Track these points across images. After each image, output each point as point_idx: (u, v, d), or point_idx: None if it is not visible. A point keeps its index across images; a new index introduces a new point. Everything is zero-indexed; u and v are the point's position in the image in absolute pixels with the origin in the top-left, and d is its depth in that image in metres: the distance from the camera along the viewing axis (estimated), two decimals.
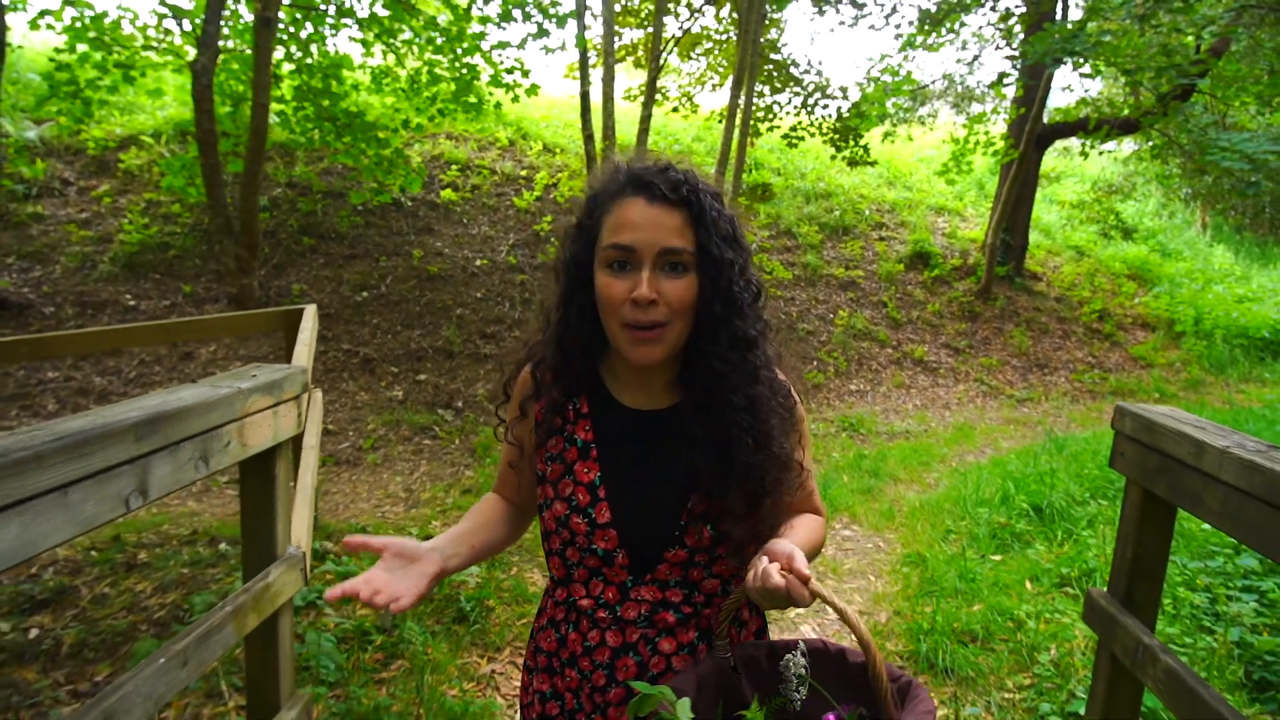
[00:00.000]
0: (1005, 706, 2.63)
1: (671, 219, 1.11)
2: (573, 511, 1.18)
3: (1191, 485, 1.78)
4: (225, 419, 1.83)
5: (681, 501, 1.16)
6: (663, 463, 1.18)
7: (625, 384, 1.23)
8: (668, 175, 1.14)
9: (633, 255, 1.10)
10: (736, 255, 1.15)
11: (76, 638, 3.11)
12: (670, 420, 1.20)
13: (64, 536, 1.36)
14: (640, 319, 1.10)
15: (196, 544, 3.93)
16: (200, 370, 6.88)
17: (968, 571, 3.60)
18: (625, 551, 1.16)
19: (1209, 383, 10.00)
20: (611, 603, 1.19)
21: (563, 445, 1.22)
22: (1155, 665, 1.86)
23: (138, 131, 9.21)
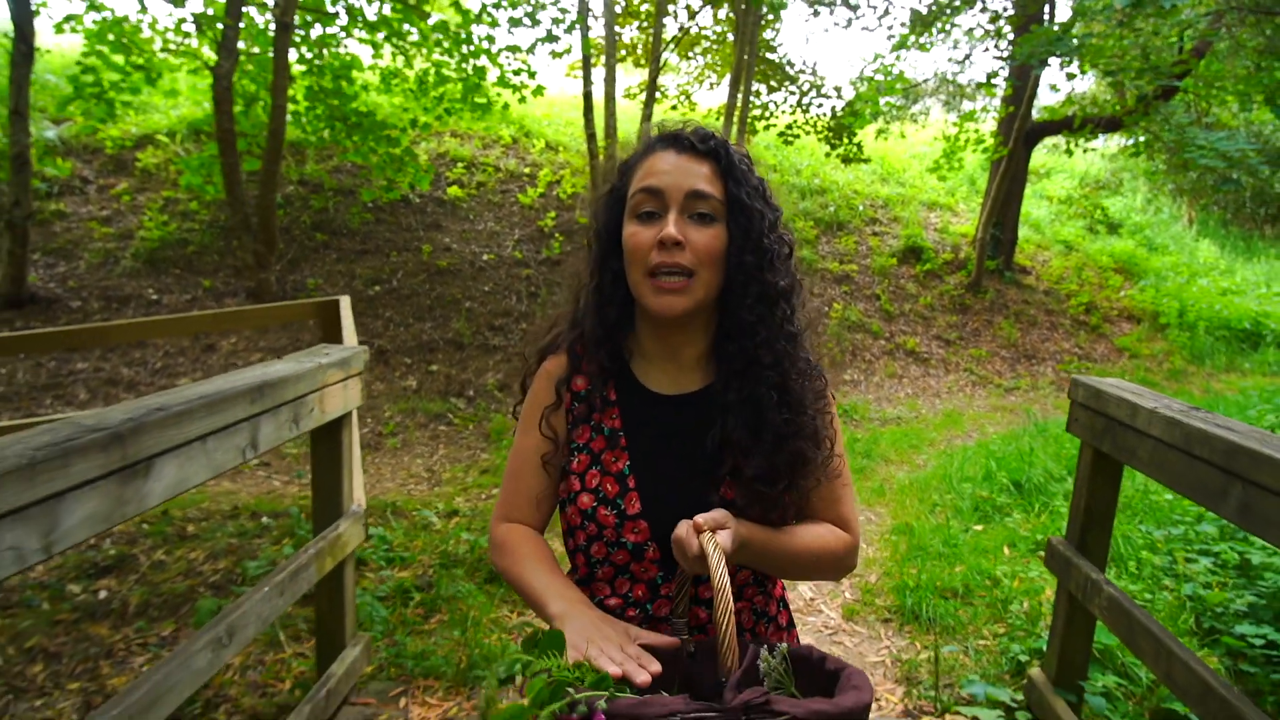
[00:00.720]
0: (980, 650, 2.96)
1: (700, 167, 1.10)
2: (600, 503, 1.13)
3: (1129, 441, 2.11)
4: (310, 388, 2.15)
5: (710, 487, 1.12)
6: (692, 449, 1.14)
7: (653, 366, 1.19)
8: (697, 130, 1.14)
9: (660, 199, 1.09)
10: (768, 210, 1.13)
11: (141, 598, 3.42)
12: (700, 403, 1.16)
13: (202, 478, 1.68)
14: (665, 261, 1.07)
15: (239, 518, 4.24)
16: (222, 362, 7.17)
17: (951, 539, 3.94)
18: (655, 545, 1.11)
19: (1191, 372, 10.36)
20: (642, 601, 1.13)
21: (589, 435, 1.17)
22: (1100, 595, 2.19)
23: (153, 131, 9.49)
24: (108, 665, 3.07)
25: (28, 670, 3.03)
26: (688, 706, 0.84)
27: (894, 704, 2.73)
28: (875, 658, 3.04)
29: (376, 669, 2.83)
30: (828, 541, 1.14)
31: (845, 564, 1.17)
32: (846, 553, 1.16)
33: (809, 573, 1.15)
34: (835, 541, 1.15)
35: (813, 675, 0.99)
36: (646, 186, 1.09)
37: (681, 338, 1.16)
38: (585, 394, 1.19)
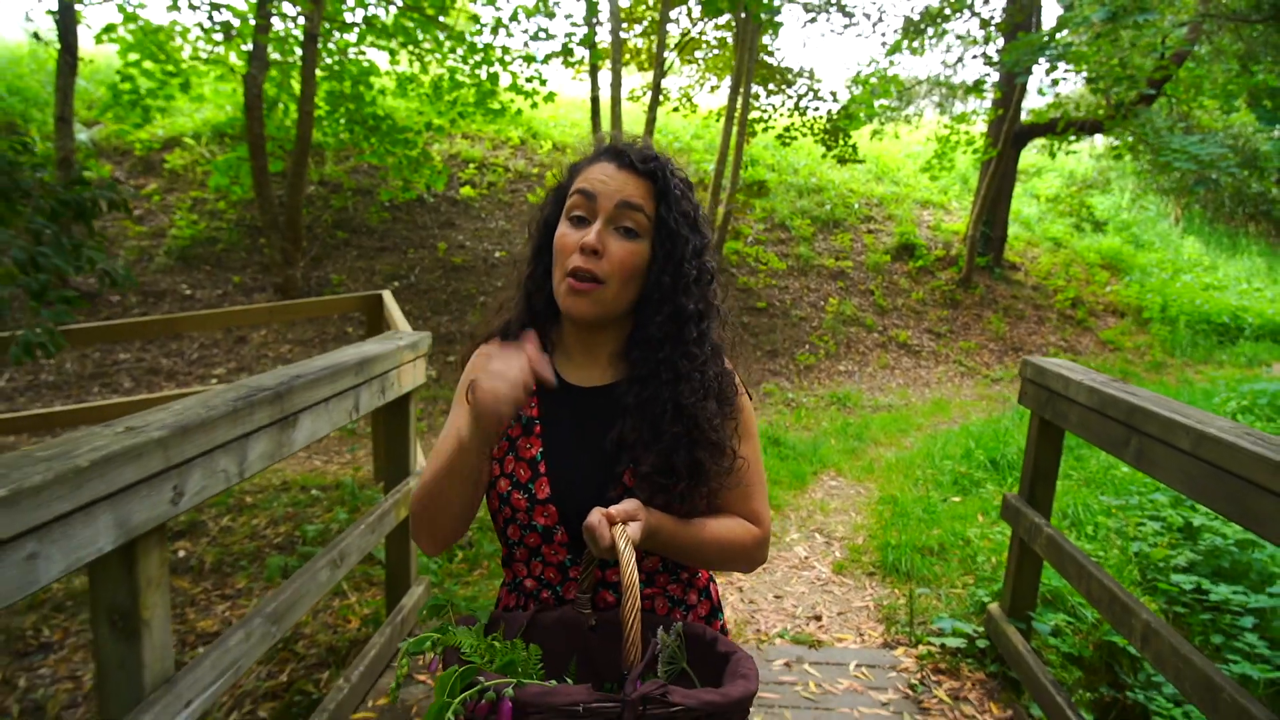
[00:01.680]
0: (951, 596, 3.44)
1: (636, 184, 1.15)
2: (514, 488, 1.17)
3: (1063, 408, 2.59)
4: (393, 365, 2.62)
5: (613, 477, 1.16)
6: (598, 438, 1.18)
7: (572, 360, 1.24)
8: (641, 150, 1.18)
9: (592, 204, 1.13)
10: (694, 236, 1.17)
11: (215, 557, 3.89)
12: (609, 396, 1.21)
13: (324, 432, 2.16)
14: (580, 266, 1.11)
15: (290, 491, 4.70)
16: (254, 353, 7.63)
17: (931, 507, 4.41)
18: (564, 529, 1.16)
19: (1170, 364, 10.84)
20: (553, 583, 1.19)
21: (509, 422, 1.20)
22: (1040, 535, 2.67)
23: (179, 134, 9.93)
24: (193, 612, 3.53)
25: None
26: (590, 696, 0.88)
27: (875, 639, 3.20)
28: (860, 603, 3.51)
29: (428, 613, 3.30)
30: (736, 534, 1.18)
31: (755, 556, 1.22)
32: (755, 545, 1.21)
33: (717, 563, 1.20)
34: (744, 534, 1.19)
35: (705, 654, 1.04)
36: (582, 189, 1.14)
37: (598, 335, 1.21)
38: None
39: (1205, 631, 3.33)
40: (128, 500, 1.39)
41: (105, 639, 1.50)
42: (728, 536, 1.17)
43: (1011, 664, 2.82)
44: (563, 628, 1.08)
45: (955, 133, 11.75)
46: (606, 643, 1.08)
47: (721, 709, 0.90)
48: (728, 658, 1.02)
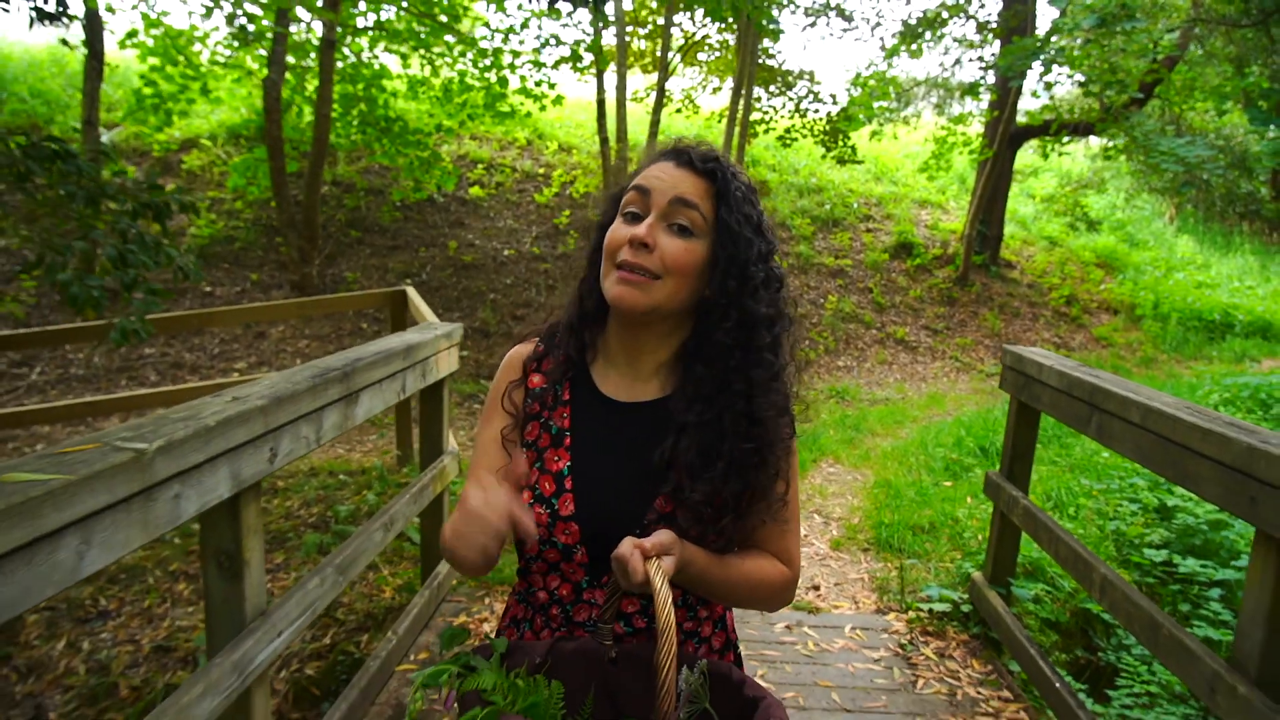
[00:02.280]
0: (939, 569, 3.71)
1: (693, 182, 1.10)
2: (536, 500, 1.12)
3: (1037, 391, 2.87)
4: (432, 352, 2.91)
5: (647, 501, 1.10)
6: (636, 457, 1.12)
7: (613, 370, 1.19)
8: (701, 150, 1.14)
9: (646, 200, 1.09)
10: (758, 240, 1.11)
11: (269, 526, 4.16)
12: (653, 414, 1.14)
13: (378, 409, 2.44)
14: (630, 260, 1.07)
15: (319, 476, 4.98)
16: (273, 347, 7.91)
17: (923, 490, 4.68)
18: (585, 549, 1.10)
19: (1161, 360, 11.11)
20: (565, 601, 1.14)
21: (538, 431, 1.17)
22: (1018, 507, 2.95)
23: (196, 135, 10.20)
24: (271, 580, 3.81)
25: (174, 588, 3.78)
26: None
27: (869, 606, 3.48)
28: (855, 575, 3.79)
29: (460, 581, 3.58)
30: (767, 574, 1.12)
31: (782, 597, 1.16)
32: (784, 586, 1.15)
33: (745, 602, 1.13)
34: (775, 574, 1.14)
35: (731, 696, 1.00)
36: (637, 185, 1.11)
37: (646, 341, 1.15)
38: (540, 391, 1.19)
39: (1174, 601, 3.61)
40: (238, 457, 1.67)
41: (213, 578, 1.78)
42: (758, 576, 1.11)
43: (992, 625, 3.10)
44: (582, 658, 1.03)
45: (952, 134, 12.02)
46: (627, 676, 1.03)
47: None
48: (756, 703, 0.98)
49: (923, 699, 2.74)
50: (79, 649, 3.42)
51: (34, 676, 3.32)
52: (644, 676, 1.01)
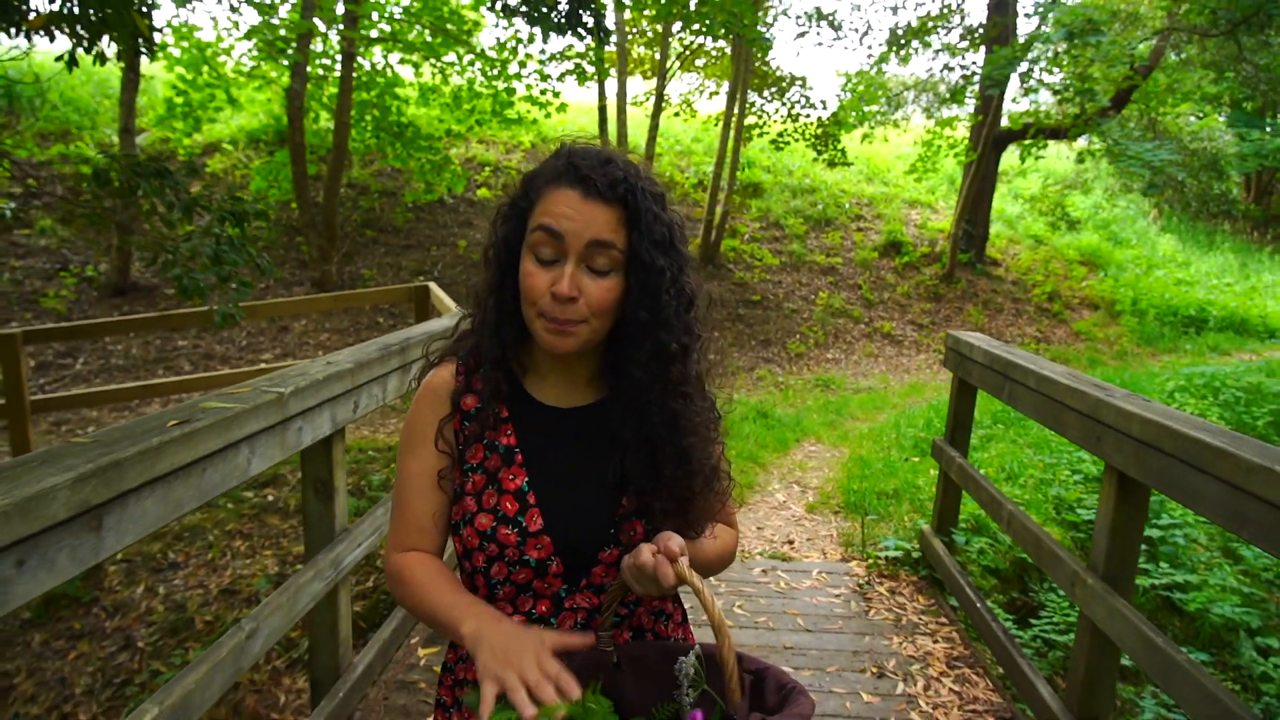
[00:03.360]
0: (899, 526, 4.27)
1: (605, 215, 1.06)
2: (500, 522, 1.10)
3: (970, 368, 3.43)
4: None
5: (614, 499, 1.13)
6: (591, 461, 1.14)
7: (546, 380, 1.18)
8: (607, 171, 1.08)
9: (558, 245, 1.06)
10: (669, 262, 1.10)
11: (295, 501, 4.71)
12: (595, 417, 1.17)
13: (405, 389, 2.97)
14: (558, 315, 1.06)
15: (350, 452, 5.53)
16: (296, 340, 8.45)
17: (892, 464, 5.24)
18: (559, 559, 1.11)
19: (1137, 354, 11.65)
20: (546, 616, 1.13)
21: (483, 454, 1.14)
22: (954, 465, 3.50)
23: (218, 140, 10.75)
24: (285, 541, 4.36)
25: (232, 544, 4.33)
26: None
27: (835, 556, 4.03)
28: (825, 533, 4.35)
29: None
30: (728, 543, 1.23)
31: (734, 555, 1.27)
32: (735, 545, 1.28)
33: (715, 571, 1.23)
34: (732, 541, 1.25)
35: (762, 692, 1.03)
36: (547, 226, 1.06)
37: (574, 360, 1.16)
38: (475, 412, 1.16)
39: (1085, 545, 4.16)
40: (335, 405, 2.22)
41: (311, 500, 2.33)
42: (722, 547, 1.21)
43: (936, 568, 3.65)
44: (591, 668, 1.04)
45: (938, 137, 12.56)
46: (633, 678, 1.06)
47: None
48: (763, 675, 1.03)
49: (873, 623, 3.30)
50: (156, 593, 3.98)
51: (120, 615, 3.88)
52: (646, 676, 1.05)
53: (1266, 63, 10.65)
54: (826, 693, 2.76)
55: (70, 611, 3.94)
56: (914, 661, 2.99)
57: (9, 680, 3.60)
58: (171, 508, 1.52)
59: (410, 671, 2.92)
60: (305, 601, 2.12)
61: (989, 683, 2.87)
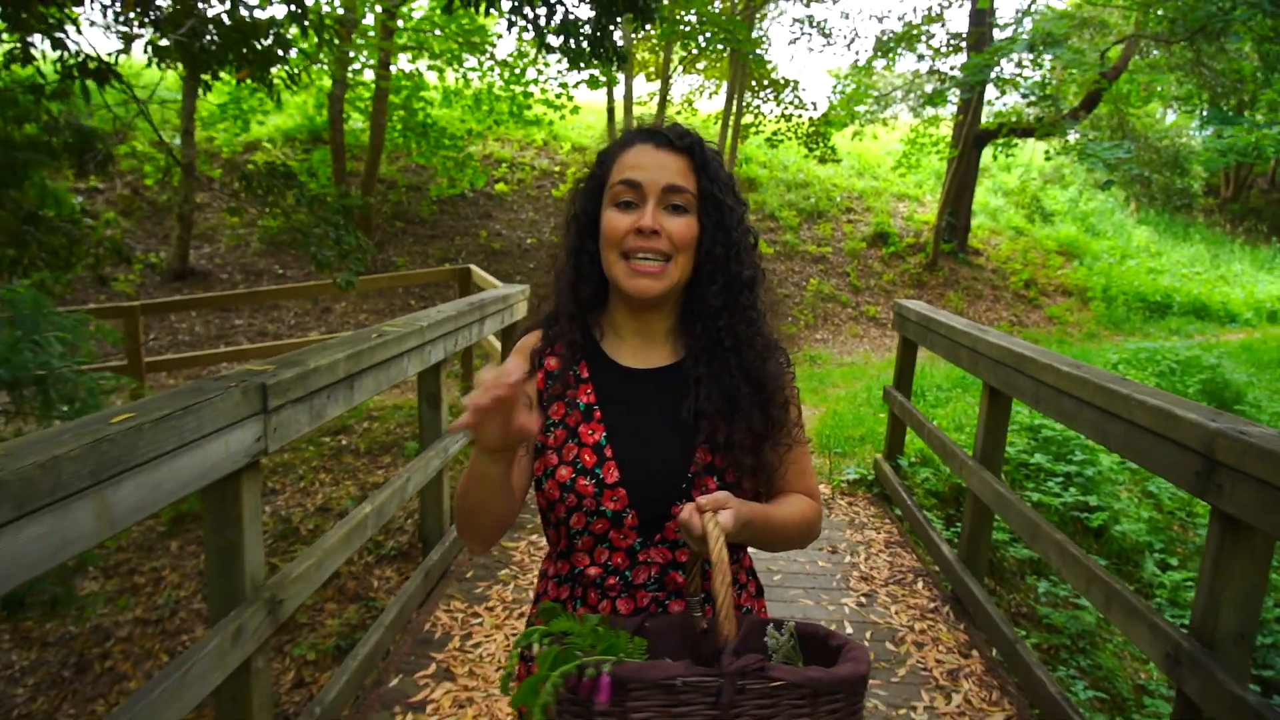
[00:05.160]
0: (860, 461, 5.25)
1: (676, 161, 1.16)
2: (579, 474, 1.17)
3: (909, 328, 4.41)
4: (514, 301, 4.45)
5: (688, 455, 1.17)
6: (666, 418, 1.20)
7: (624, 342, 1.25)
8: (674, 127, 1.21)
9: (638, 191, 1.15)
10: (736, 204, 1.20)
11: (365, 444, 5.70)
12: (671, 377, 1.23)
13: (491, 332, 3.98)
14: (643, 246, 1.14)
15: (402, 410, 6.50)
16: (338, 320, 9.43)
17: (860, 416, 6.22)
18: (634, 512, 1.16)
19: (1103, 335, 12.61)
20: (621, 568, 1.18)
21: (564, 411, 1.21)
22: (898, 404, 4.49)
23: (258, 139, 11.70)
24: (360, 474, 5.34)
25: (318, 477, 5.31)
26: (687, 670, 0.90)
27: None
28: None
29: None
30: (805, 512, 1.23)
31: (816, 530, 1.26)
32: (817, 519, 1.26)
33: (792, 543, 1.23)
34: (811, 512, 1.24)
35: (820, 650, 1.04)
36: (626, 179, 1.16)
37: (653, 315, 1.23)
38: (558, 373, 1.23)
39: (1022, 482, 5.14)
40: (445, 340, 3.20)
41: (425, 409, 3.31)
42: (800, 517, 1.21)
43: (885, 486, 4.63)
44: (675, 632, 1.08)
45: (921, 135, 13.50)
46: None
47: (826, 686, 0.90)
48: (840, 649, 1.01)
49: (832, 523, 4.28)
50: (263, 511, 4.97)
51: None
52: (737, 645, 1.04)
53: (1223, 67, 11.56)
54: (791, 559, 3.74)
55: (195, 525, 4.93)
56: (860, 545, 3.98)
57: (159, 574, 4.60)
58: (378, 385, 2.50)
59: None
60: (433, 470, 3.11)
61: (914, 556, 3.86)
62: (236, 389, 1.72)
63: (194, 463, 1.58)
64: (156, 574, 4.63)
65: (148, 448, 1.43)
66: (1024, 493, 4.86)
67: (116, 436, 1.35)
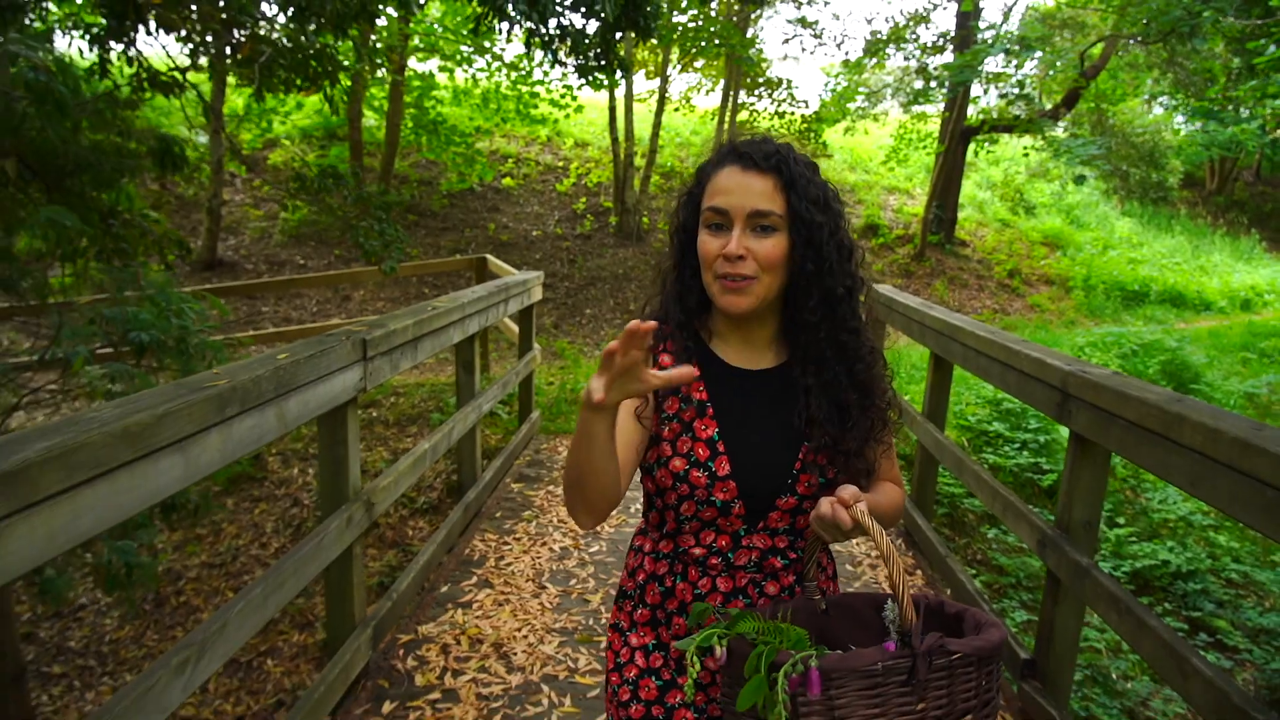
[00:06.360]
0: None
1: (762, 184, 1.21)
2: (692, 466, 1.24)
3: (878, 310, 5.03)
4: (530, 286, 5.09)
5: (793, 452, 1.25)
6: (772, 417, 1.27)
7: (731, 346, 1.32)
8: (762, 147, 1.24)
9: (725, 217, 1.21)
10: (827, 219, 1.23)
11: (394, 415, 6.32)
12: (778, 378, 1.30)
13: (513, 311, 4.62)
14: (730, 271, 1.20)
15: (424, 387, 7.13)
16: (357, 307, 10.05)
17: None
18: (741, 502, 1.24)
19: (1082, 322, 13.23)
20: (724, 550, 1.27)
21: (679, 406, 1.28)
22: None
23: (276, 136, 12.29)
24: (392, 442, 5.97)
25: None
26: (884, 656, 0.97)
27: None
28: None
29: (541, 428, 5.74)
30: (896, 499, 1.34)
31: (901, 512, 1.37)
32: (904, 504, 1.42)
33: (888, 524, 1.28)
34: (901, 498, 1.36)
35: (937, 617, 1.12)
36: (714, 206, 1.22)
37: (754, 324, 1.30)
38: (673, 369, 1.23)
39: (981, 448, 5.78)
40: (478, 315, 3.82)
41: (461, 374, 3.94)
42: (894, 505, 1.32)
43: None
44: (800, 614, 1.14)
45: (909, 130, 14.10)
46: (838, 624, 1.18)
47: (989, 651, 1.00)
48: (961, 615, 1.10)
49: None
50: (306, 473, 5.60)
51: (284, 486, 5.50)
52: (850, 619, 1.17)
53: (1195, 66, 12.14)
54: None
55: (248, 486, 5.57)
56: None
57: (219, 526, 5.23)
58: (433, 348, 3.13)
59: (508, 492, 4.54)
60: (469, 424, 3.74)
61: None
62: (347, 341, 2.35)
63: (326, 390, 2.21)
64: (216, 526, 5.26)
65: (302, 376, 2.06)
66: (981, 456, 5.50)
67: (286, 366, 1.98)
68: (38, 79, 2.55)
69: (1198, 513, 5.41)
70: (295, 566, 2.10)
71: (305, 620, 4.50)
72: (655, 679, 1.30)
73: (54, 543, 1.26)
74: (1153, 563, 4.84)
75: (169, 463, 1.53)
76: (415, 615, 3.06)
